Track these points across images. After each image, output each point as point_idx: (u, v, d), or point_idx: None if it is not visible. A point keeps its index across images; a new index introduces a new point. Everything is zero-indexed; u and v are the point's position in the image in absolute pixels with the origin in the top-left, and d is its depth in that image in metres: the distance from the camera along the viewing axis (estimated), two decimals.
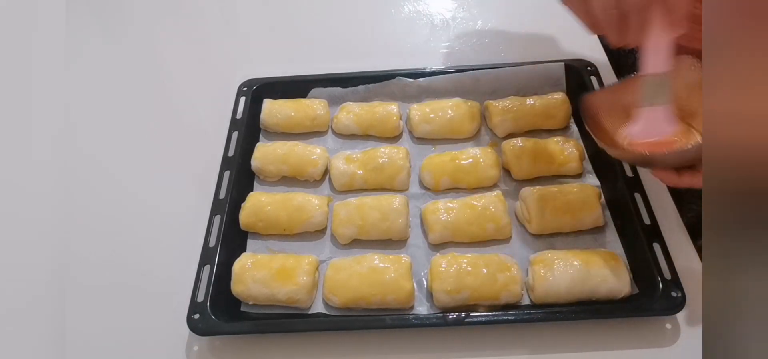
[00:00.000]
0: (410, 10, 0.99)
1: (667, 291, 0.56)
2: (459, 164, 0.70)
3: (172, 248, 0.68)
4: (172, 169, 0.79)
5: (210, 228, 0.65)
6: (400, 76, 0.80)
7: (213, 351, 0.60)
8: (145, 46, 0.99)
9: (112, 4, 1.08)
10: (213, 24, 1.02)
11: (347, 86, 0.81)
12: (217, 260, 0.62)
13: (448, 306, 0.59)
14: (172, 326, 0.60)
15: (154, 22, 1.03)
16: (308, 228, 0.67)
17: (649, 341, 0.57)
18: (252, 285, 0.61)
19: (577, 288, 0.58)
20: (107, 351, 0.61)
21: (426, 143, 0.76)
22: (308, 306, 0.61)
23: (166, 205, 0.74)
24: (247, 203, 0.68)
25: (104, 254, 0.69)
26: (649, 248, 0.60)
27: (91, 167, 0.79)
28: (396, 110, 0.77)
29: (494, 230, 0.64)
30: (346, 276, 0.61)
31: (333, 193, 0.72)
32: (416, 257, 0.64)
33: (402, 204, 0.66)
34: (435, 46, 0.92)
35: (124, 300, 0.65)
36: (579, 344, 0.57)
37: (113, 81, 0.92)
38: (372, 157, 0.71)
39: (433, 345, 0.58)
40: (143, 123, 0.85)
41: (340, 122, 0.77)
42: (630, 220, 0.63)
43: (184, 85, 0.91)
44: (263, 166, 0.73)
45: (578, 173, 0.70)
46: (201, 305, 0.59)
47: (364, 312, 0.60)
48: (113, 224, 0.72)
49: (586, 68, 0.78)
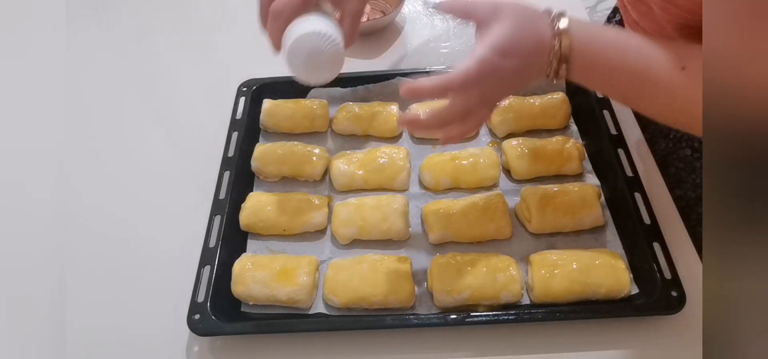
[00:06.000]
0: (410, 10, 0.99)
1: (667, 291, 0.57)
2: (459, 164, 0.70)
3: (172, 248, 0.68)
4: (171, 169, 0.79)
5: (210, 229, 0.65)
6: (400, 76, 0.80)
7: (213, 352, 0.60)
8: (144, 46, 0.99)
9: (111, 4, 1.08)
10: (213, 24, 1.02)
11: (347, 86, 0.81)
12: (217, 261, 0.62)
13: (448, 306, 0.59)
14: (172, 326, 0.60)
15: (153, 22, 1.03)
16: (308, 229, 0.67)
17: (649, 341, 0.57)
18: (252, 285, 0.61)
19: (577, 288, 0.58)
20: (107, 351, 0.61)
21: (426, 143, 0.76)
22: (309, 307, 0.61)
23: (166, 205, 0.74)
24: (247, 204, 0.68)
25: (104, 254, 0.69)
26: (649, 248, 0.60)
27: (91, 168, 0.79)
28: (396, 110, 0.77)
29: (494, 230, 0.64)
30: (347, 276, 0.61)
31: (333, 193, 0.72)
32: (416, 257, 0.64)
33: (402, 204, 0.66)
34: (435, 46, 0.92)
35: (124, 300, 0.65)
36: (579, 344, 0.57)
37: (113, 81, 0.92)
38: (372, 157, 0.71)
39: (433, 345, 0.58)
40: (143, 123, 0.85)
41: (340, 122, 0.77)
42: (630, 220, 0.63)
43: (183, 86, 0.91)
44: (263, 166, 0.73)
45: (578, 173, 0.70)
46: (201, 305, 0.59)
47: (364, 312, 0.61)
48: (113, 224, 0.72)
49: None
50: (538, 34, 0.50)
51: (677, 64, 0.49)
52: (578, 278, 0.58)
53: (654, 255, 0.59)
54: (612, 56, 0.51)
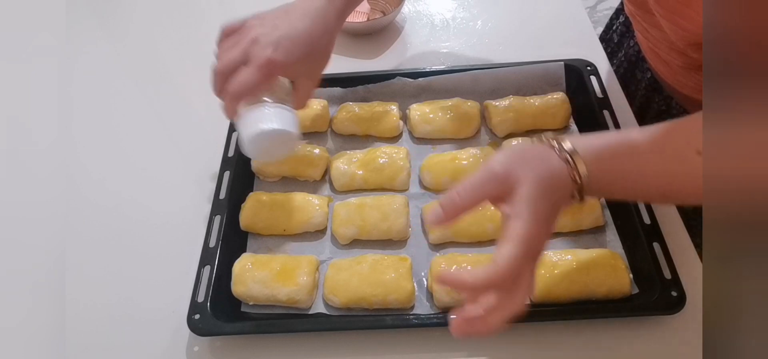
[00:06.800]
0: (410, 10, 0.99)
1: (667, 291, 0.57)
2: (459, 164, 0.70)
3: (172, 248, 0.68)
4: (172, 169, 0.79)
5: (210, 229, 0.65)
6: (400, 76, 0.80)
7: (213, 352, 0.60)
8: (144, 46, 0.99)
9: (111, 4, 1.08)
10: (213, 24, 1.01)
11: (347, 86, 0.81)
12: (217, 261, 0.62)
13: (448, 306, 0.59)
14: (172, 326, 0.60)
15: (153, 22, 1.03)
16: (308, 228, 0.67)
17: (649, 341, 0.57)
18: (252, 285, 0.61)
19: (577, 288, 0.58)
20: (108, 351, 0.61)
21: (426, 143, 0.76)
22: (309, 307, 0.61)
23: (166, 205, 0.74)
24: (247, 204, 0.68)
25: (104, 254, 0.69)
26: (649, 248, 0.60)
27: (91, 168, 0.79)
28: (396, 110, 0.77)
29: (494, 230, 0.64)
30: (347, 276, 0.61)
31: (333, 193, 0.72)
32: (416, 257, 0.64)
33: (402, 204, 0.66)
34: (435, 47, 0.92)
35: (124, 300, 0.65)
36: (579, 344, 0.57)
37: (113, 81, 0.92)
38: (372, 157, 0.71)
39: (433, 345, 0.58)
40: (143, 123, 0.85)
41: (340, 122, 0.77)
42: (630, 220, 0.63)
43: (184, 85, 0.91)
44: (263, 166, 0.73)
45: None
46: (201, 305, 0.59)
47: (364, 312, 0.61)
48: (113, 224, 0.72)
49: (586, 68, 0.78)
50: (558, 177, 0.46)
51: (692, 149, 0.45)
52: (578, 278, 0.58)
53: (654, 255, 0.59)
54: (627, 165, 0.48)
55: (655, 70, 0.75)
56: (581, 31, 0.92)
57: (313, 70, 0.63)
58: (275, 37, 0.57)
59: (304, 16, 0.59)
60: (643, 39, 0.75)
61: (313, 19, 0.59)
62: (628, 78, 0.83)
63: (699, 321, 0.57)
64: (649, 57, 0.75)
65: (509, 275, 0.42)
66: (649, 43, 0.72)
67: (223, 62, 0.57)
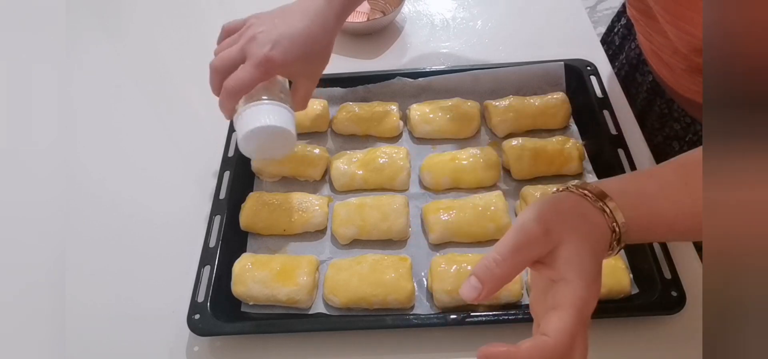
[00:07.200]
0: (410, 10, 0.99)
1: (667, 291, 0.57)
2: (459, 164, 0.70)
3: (172, 248, 0.68)
4: (172, 169, 0.79)
5: (210, 229, 0.65)
6: (400, 76, 0.80)
7: (213, 352, 0.60)
8: (144, 46, 0.99)
9: (111, 4, 1.08)
10: (213, 24, 1.01)
11: (347, 86, 0.81)
12: (217, 261, 0.62)
13: (448, 306, 0.59)
14: (172, 326, 0.60)
15: (153, 22, 1.03)
16: (308, 228, 0.67)
17: (649, 341, 0.57)
18: (252, 285, 0.61)
19: None
20: (107, 351, 0.61)
21: (426, 143, 0.76)
22: (309, 307, 0.61)
23: (166, 205, 0.74)
24: (247, 204, 0.68)
25: (104, 254, 0.69)
26: (649, 248, 0.60)
27: (91, 168, 0.79)
28: (396, 110, 0.77)
29: (494, 230, 0.64)
30: (347, 276, 0.61)
31: (333, 193, 0.72)
32: (416, 257, 0.64)
33: (402, 204, 0.66)
34: (435, 46, 0.92)
35: (124, 300, 0.65)
36: None
37: (112, 81, 0.92)
38: (372, 157, 0.71)
39: (433, 345, 0.58)
40: (143, 123, 0.85)
41: (340, 122, 0.77)
42: None
43: (184, 85, 0.91)
44: (263, 166, 0.73)
45: (578, 173, 0.70)
46: (201, 305, 0.59)
47: (364, 312, 0.61)
48: (113, 224, 0.72)
49: (586, 68, 0.78)
50: (598, 230, 0.43)
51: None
52: None
53: (654, 255, 0.59)
54: (662, 206, 0.45)
55: (657, 73, 0.75)
56: (581, 31, 0.92)
57: (311, 71, 0.63)
58: (273, 36, 0.57)
59: (303, 16, 0.59)
60: (645, 42, 0.75)
61: (312, 19, 0.59)
62: (629, 81, 0.83)
63: (699, 321, 0.57)
64: (651, 60, 0.75)
65: (564, 348, 0.39)
66: (652, 46, 0.72)
67: (221, 60, 0.58)
